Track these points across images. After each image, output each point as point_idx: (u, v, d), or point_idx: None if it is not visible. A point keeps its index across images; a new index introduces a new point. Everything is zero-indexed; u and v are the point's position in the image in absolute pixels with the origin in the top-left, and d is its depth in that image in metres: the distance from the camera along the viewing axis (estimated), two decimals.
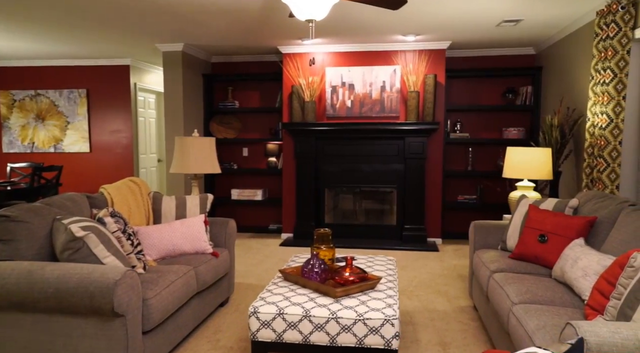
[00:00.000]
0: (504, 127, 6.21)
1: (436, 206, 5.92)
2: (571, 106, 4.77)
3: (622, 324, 1.58)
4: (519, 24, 4.81)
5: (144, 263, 2.76)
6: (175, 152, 4.01)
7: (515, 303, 2.38)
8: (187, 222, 3.29)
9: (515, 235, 3.32)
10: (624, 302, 1.79)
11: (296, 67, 6.03)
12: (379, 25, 4.92)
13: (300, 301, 2.38)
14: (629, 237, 2.44)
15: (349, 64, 5.96)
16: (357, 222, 6.16)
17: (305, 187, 6.01)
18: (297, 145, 5.99)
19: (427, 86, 5.64)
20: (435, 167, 5.89)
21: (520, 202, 3.43)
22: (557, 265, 2.69)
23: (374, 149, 5.92)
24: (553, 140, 4.59)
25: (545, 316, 2.12)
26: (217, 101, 6.82)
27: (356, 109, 5.94)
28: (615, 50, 3.66)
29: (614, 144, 3.69)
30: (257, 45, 5.94)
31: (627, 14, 3.60)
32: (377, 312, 2.25)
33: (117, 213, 2.74)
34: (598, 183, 3.81)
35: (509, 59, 6.17)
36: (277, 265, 4.87)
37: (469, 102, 6.28)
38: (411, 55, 5.81)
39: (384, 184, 5.94)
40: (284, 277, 2.74)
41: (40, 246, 2.45)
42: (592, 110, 3.98)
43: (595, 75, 3.94)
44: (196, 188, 4.14)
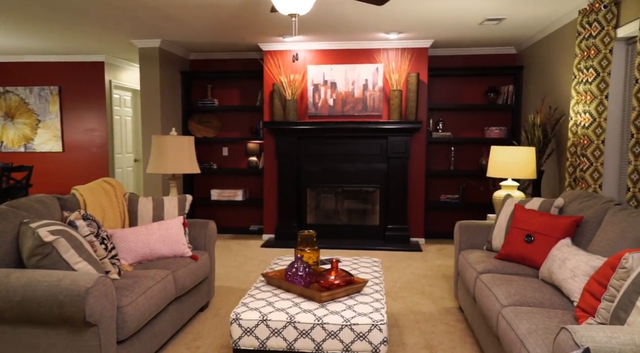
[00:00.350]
0: (486, 126, 6.21)
1: (419, 206, 5.89)
2: (553, 105, 4.78)
3: (619, 328, 1.53)
4: (501, 22, 4.79)
5: (118, 268, 2.63)
6: (152, 151, 3.87)
7: (505, 305, 2.33)
8: (164, 224, 3.16)
9: (500, 235, 3.28)
10: (618, 304, 1.75)
11: (277, 64, 5.92)
12: (362, 23, 4.85)
13: (284, 306, 2.28)
14: (616, 237, 2.42)
15: (331, 61, 5.88)
16: (340, 222, 6.08)
17: (287, 187, 5.91)
18: (279, 144, 5.88)
19: (409, 85, 5.60)
20: (418, 167, 5.85)
21: (506, 202, 3.40)
22: (545, 266, 2.65)
23: (356, 148, 5.85)
24: (535, 139, 4.59)
25: (536, 319, 2.06)
26: (195, 99, 6.67)
27: (338, 107, 5.87)
28: (598, 49, 3.65)
29: (597, 143, 3.68)
30: (237, 42, 5.81)
31: (610, 13, 3.60)
32: (365, 317, 2.17)
33: (89, 215, 2.60)
34: (581, 183, 3.81)
35: (491, 58, 6.17)
36: (259, 267, 4.75)
37: (451, 100, 6.27)
38: (394, 53, 5.76)
39: (366, 184, 5.87)
40: (267, 280, 2.64)
41: (6, 252, 2.30)
42: (575, 109, 3.98)
43: (578, 74, 3.94)
44: (174, 189, 4.00)
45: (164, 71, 5.95)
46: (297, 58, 3.45)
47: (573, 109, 3.99)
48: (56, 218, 2.72)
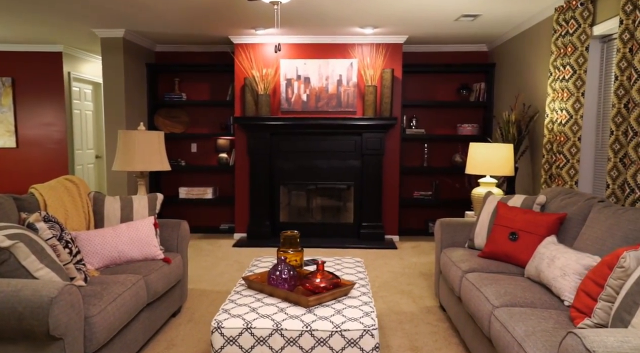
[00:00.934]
0: (459, 124, 6.22)
1: (393, 203, 5.83)
2: (527, 102, 4.80)
3: (629, 332, 1.47)
4: (476, 19, 4.78)
5: (84, 274, 2.42)
6: (119, 147, 3.63)
7: (496, 306, 2.26)
8: (134, 225, 2.95)
9: (483, 233, 3.24)
10: (620, 305, 1.70)
11: (249, 58, 5.74)
12: (338, 16, 4.73)
13: (269, 312, 2.14)
14: (604, 234, 2.39)
15: (305, 56, 5.74)
16: (314, 220, 5.96)
17: (259, 185, 5.74)
18: (251, 140, 5.70)
19: (384, 81, 5.52)
20: (392, 164, 5.79)
21: (487, 199, 3.36)
22: (532, 264, 2.61)
23: (330, 145, 5.74)
24: (510, 136, 4.60)
25: (531, 320, 2.00)
26: (162, 93, 6.40)
27: (312, 103, 5.74)
28: (574, 46, 3.66)
29: (574, 140, 3.70)
30: (207, 34, 5.58)
31: (586, 11, 3.62)
32: (355, 322, 2.06)
33: (51, 217, 2.38)
34: (557, 179, 3.82)
35: (463, 55, 6.18)
36: (232, 267, 4.58)
37: (424, 97, 6.24)
38: (368, 48, 5.67)
39: (340, 181, 5.77)
40: (248, 284, 2.49)
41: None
42: (551, 106, 3.99)
43: (554, 72, 3.95)
44: (143, 187, 3.78)
45: (129, 63, 5.67)
46: (280, 48, 3.29)
47: (549, 106, 4.01)
48: (13, 221, 2.48)
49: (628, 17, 2.97)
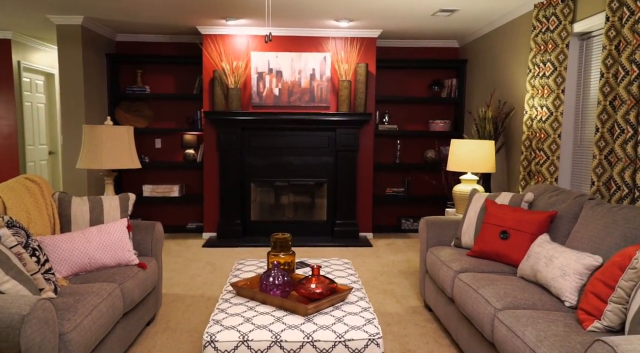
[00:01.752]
0: (431, 119, 6.21)
1: (367, 200, 5.75)
2: (502, 99, 4.82)
3: None
4: (453, 14, 4.74)
5: (54, 284, 2.18)
6: (84, 144, 3.35)
7: (499, 309, 2.20)
8: (105, 229, 2.71)
9: (470, 231, 3.19)
10: (638, 312, 1.65)
11: (218, 50, 5.49)
12: (314, 8, 4.57)
13: (265, 322, 1.99)
14: (600, 233, 2.37)
15: (277, 49, 5.55)
16: (286, 218, 5.80)
17: (229, 182, 5.52)
18: (221, 136, 5.47)
19: (358, 75, 5.42)
20: (366, 160, 5.71)
21: (473, 197, 3.31)
22: (526, 264, 2.57)
23: (303, 141, 5.59)
24: (486, 133, 4.60)
25: (540, 324, 1.95)
26: (123, 85, 6.05)
27: (284, 97, 5.56)
28: (555, 43, 3.67)
29: (554, 136, 3.72)
30: (173, 24, 5.30)
31: (567, 8, 3.63)
32: (359, 331, 1.94)
33: (16, 222, 2.12)
34: (537, 176, 3.83)
35: (433, 51, 6.16)
36: (205, 270, 4.36)
37: (396, 93, 6.19)
38: (342, 42, 5.55)
39: (314, 178, 5.64)
40: (237, 291, 2.32)
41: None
42: (530, 103, 4.00)
43: (533, 68, 3.96)
44: (111, 186, 3.51)
45: (87, 53, 5.30)
46: (271, 38, 3.11)
47: (528, 102, 4.01)
48: None
49: (614, 14, 2.98)
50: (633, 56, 2.79)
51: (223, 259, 4.73)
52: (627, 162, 2.82)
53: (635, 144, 2.79)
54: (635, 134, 2.78)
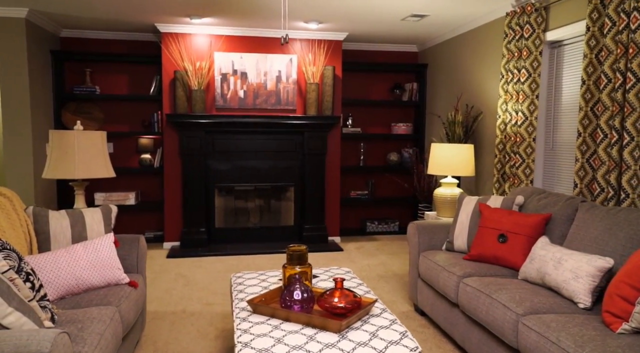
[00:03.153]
0: (393, 122, 6.28)
1: (335, 203, 5.71)
2: (469, 103, 4.95)
3: None
4: (423, 19, 4.81)
5: (50, 312, 1.93)
6: (52, 151, 3.02)
7: (521, 314, 2.21)
8: (91, 246, 2.45)
9: (463, 235, 3.22)
10: None
11: (179, 49, 5.21)
12: (279, 8, 4.44)
13: (299, 342, 1.87)
14: (603, 235, 2.47)
15: (242, 50, 5.36)
16: (252, 224, 5.62)
17: (193, 188, 5.25)
18: (183, 139, 5.19)
19: (325, 78, 5.36)
20: (333, 163, 5.66)
21: (463, 201, 3.35)
22: (530, 267, 2.62)
23: (270, 144, 5.44)
24: (456, 136, 4.70)
25: (571, 328, 1.98)
26: (70, 85, 5.58)
27: (250, 100, 5.38)
28: (530, 50, 3.81)
29: (529, 140, 3.86)
30: (127, 20, 4.94)
31: (540, 17, 3.78)
32: (398, 346, 1.87)
33: (6, 244, 1.85)
34: (513, 178, 3.96)
35: (393, 55, 6.23)
36: (178, 283, 4.10)
37: (359, 96, 6.20)
38: (308, 44, 5.46)
39: (280, 182, 5.50)
40: (254, 309, 2.17)
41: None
42: (503, 107, 4.13)
43: (506, 74, 4.09)
44: (82, 197, 3.19)
45: (32, 49, 4.83)
46: (287, 40, 2.95)
47: (501, 107, 4.14)
48: None
49: (594, 24, 3.13)
50: (617, 65, 2.94)
51: (193, 270, 4.48)
52: (612, 165, 2.97)
53: (620, 148, 2.94)
54: (620, 138, 2.94)
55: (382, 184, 6.34)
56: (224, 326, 3.15)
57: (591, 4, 3.13)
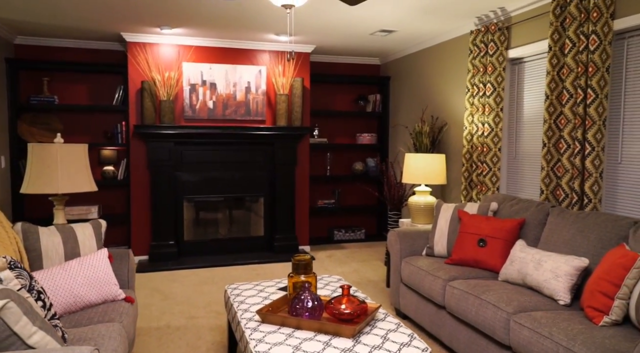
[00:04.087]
0: (358, 133, 6.45)
1: (304, 213, 5.78)
2: (434, 115, 5.20)
3: None
4: (391, 34, 5.01)
5: (61, 331, 1.88)
6: (31, 165, 2.92)
7: (511, 312, 2.39)
8: (87, 262, 2.40)
9: (443, 241, 3.40)
10: None
11: (146, 59, 5.13)
12: (255, 20, 4.49)
13: (317, 349, 1.93)
14: (575, 237, 2.70)
15: (211, 60, 5.35)
16: (222, 236, 5.58)
17: (162, 200, 5.16)
18: (151, 151, 5.10)
19: (295, 90, 5.45)
20: (303, 173, 5.73)
21: (441, 208, 3.54)
22: (511, 268, 2.82)
23: (240, 155, 5.44)
24: (423, 146, 4.92)
25: (560, 323, 2.16)
26: (26, 95, 5.34)
27: (219, 110, 5.37)
28: (494, 66, 4.08)
29: (495, 150, 4.12)
30: (89, 28, 4.80)
31: (503, 36, 4.07)
32: (410, 348, 1.98)
33: (18, 262, 1.80)
34: (480, 186, 4.21)
35: (356, 68, 6.42)
36: (155, 298, 4.02)
37: (324, 107, 6.33)
38: (276, 56, 5.53)
39: (250, 193, 5.52)
40: (263, 318, 2.21)
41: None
42: (469, 119, 4.38)
43: (472, 88, 4.35)
44: (62, 212, 3.09)
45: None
46: (294, 56, 2.98)
47: (467, 119, 4.39)
48: None
49: (556, 44, 3.42)
50: (577, 81, 3.23)
51: (168, 284, 4.40)
52: (575, 173, 3.25)
53: (582, 157, 3.23)
54: (582, 148, 3.22)
55: (348, 193, 6.49)
56: (214, 339, 3.14)
57: (552, 25, 3.42)
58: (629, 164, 3.14)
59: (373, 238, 6.37)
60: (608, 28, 3.10)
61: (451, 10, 4.10)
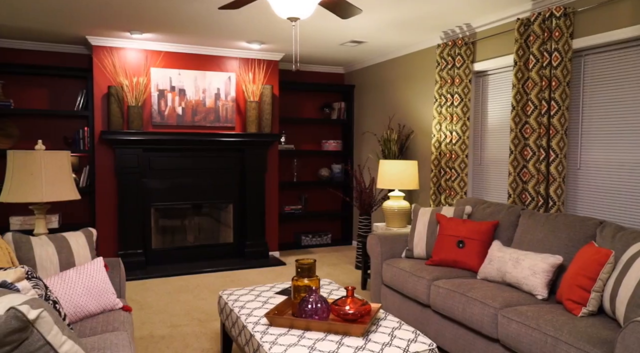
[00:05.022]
0: (324, 140, 6.58)
1: (274, 219, 5.82)
2: (400, 123, 5.41)
3: None
4: (360, 45, 5.18)
5: None
6: (12, 173, 2.81)
7: (498, 308, 2.57)
8: (84, 271, 2.35)
9: (422, 243, 3.57)
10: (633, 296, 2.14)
11: (112, 64, 5.01)
12: (227, 28, 4.52)
13: (331, 348, 2.01)
14: (547, 237, 2.95)
15: (180, 66, 5.30)
16: (190, 243, 5.51)
17: (129, 208, 5.04)
18: (119, 157, 4.97)
19: (264, 97, 5.50)
20: (272, 180, 5.78)
21: (419, 212, 3.71)
22: (490, 267, 3.02)
23: (209, 162, 5.41)
24: (391, 153, 5.12)
25: (544, 315, 2.36)
26: None
27: (188, 117, 5.33)
28: (461, 78, 4.34)
29: (462, 157, 4.37)
30: (50, 31, 4.62)
31: (469, 50, 4.33)
32: (417, 343, 2.10)
33: (33, 271, 1.76)
34: (449, 191, 4.44)
35: (321, 76, 6.56)
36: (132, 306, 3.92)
37: (291, 114, 6.41)
38: (246, 63, 5.56)
39: (220, 199, 5.49)
40: (271, 321, 2.26)
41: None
42: (437, 127, 4.62)
43: (439, 98, 4.59)
44: (43, 222, 2.98)
45: None
46: (298, 67, 3.04)
47: (435, 127, 4.63)
48: None
49: (520, 60, 3.70)
50: (542, 94, 3.52)
51: (142, 294, 4.31)
52: (541, 178, 3.53)
53: (547, 164, 3.51)
54: (547, 155, 3.50)
55: (314, 199, 6.59)
56: (202, 346, 3.14)
57: (517, 42, 3.71)
58: (586, 169, 3.45)
59: (339, 242, 6.50)
60: (568, 46, 3.41)
61: (419, 24, 4.32)
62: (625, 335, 1.88)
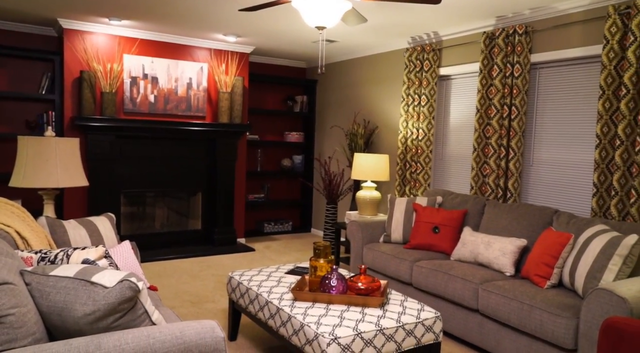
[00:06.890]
0: (286, 131, 6.83)
1: (241, 206, 6.01)
2: (366, 118, 5.80)
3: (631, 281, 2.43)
4: (332, 44, 5.49)
5: None
6: (25, 159, 2.83)
7: (478, 283, 3.03)
8: (118, 253, 2.49)
9: (399, 229, 3.98)
10: (590, 271, 2.66)
11: (84, 48, 4.93)
12: (204, 19, 4.62)
13: (355, 318, 2.34)
14: (511, 223, 3.46)
15: (153, 54, 5.31)
16: (159, 230, 5.57)
17: (100, 194, 5.02)
18: (91, 143, 4.93)
19: (235, 88, 5.65)
20: (240, 169, 5.95)
21: (395, 201, 4.12)
22: (464, 249, 3.49)
23: (180, 150, 5.49)
24: (358, 147, 5.50)
25: (518, 288, 2.84)
26: None
27: (160, 105, 5.36)
28: (428, 81, 4.79)
29: (427, 152, 4.84)
30: (16, 9, 4.48)
31: (435, 55, 4.79)
32: (425, 312, 2.48)
33: (108, 252, 1.92)
34: (414, 182, 4.90)
35: (284, 69, 6.79)
36: None
37: (256, 105, 6.59)
38: (219, 54, 5.67)
39: (189, 187, 5.59)
40: (297, 296, 2.54)
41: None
42: (404, 124, 5.05)
43: (407, 98, 5.02)
44: (51, 207, 3.02)
45: None
46: (323, 71, 3.23)
47: (402, 124, 5.06)
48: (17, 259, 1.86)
49: (485, 68, 4.20)
50: (503, 100, 4.04)
51: None
52: (501, 173, 4.06)
53: (506, 161, 4.04)
54: (507, 153, 4.04)
55: (276, 188, 6.84)
56: None
57: (483, 53, 4.20)
58: (538, 166, 4.03)
59: (298, 230, 6.81)
60: (527, 60, 3.94)
61: (390, 29, 4.70)
62: (590, 299, 2.38)
